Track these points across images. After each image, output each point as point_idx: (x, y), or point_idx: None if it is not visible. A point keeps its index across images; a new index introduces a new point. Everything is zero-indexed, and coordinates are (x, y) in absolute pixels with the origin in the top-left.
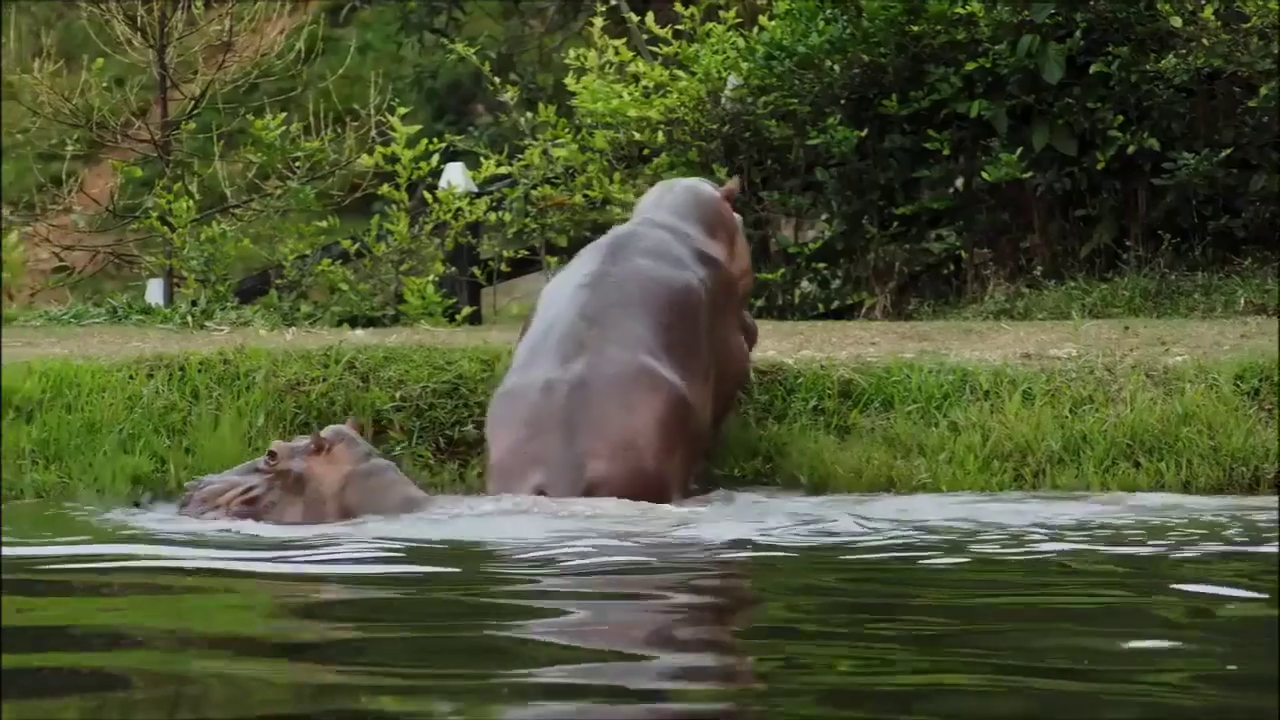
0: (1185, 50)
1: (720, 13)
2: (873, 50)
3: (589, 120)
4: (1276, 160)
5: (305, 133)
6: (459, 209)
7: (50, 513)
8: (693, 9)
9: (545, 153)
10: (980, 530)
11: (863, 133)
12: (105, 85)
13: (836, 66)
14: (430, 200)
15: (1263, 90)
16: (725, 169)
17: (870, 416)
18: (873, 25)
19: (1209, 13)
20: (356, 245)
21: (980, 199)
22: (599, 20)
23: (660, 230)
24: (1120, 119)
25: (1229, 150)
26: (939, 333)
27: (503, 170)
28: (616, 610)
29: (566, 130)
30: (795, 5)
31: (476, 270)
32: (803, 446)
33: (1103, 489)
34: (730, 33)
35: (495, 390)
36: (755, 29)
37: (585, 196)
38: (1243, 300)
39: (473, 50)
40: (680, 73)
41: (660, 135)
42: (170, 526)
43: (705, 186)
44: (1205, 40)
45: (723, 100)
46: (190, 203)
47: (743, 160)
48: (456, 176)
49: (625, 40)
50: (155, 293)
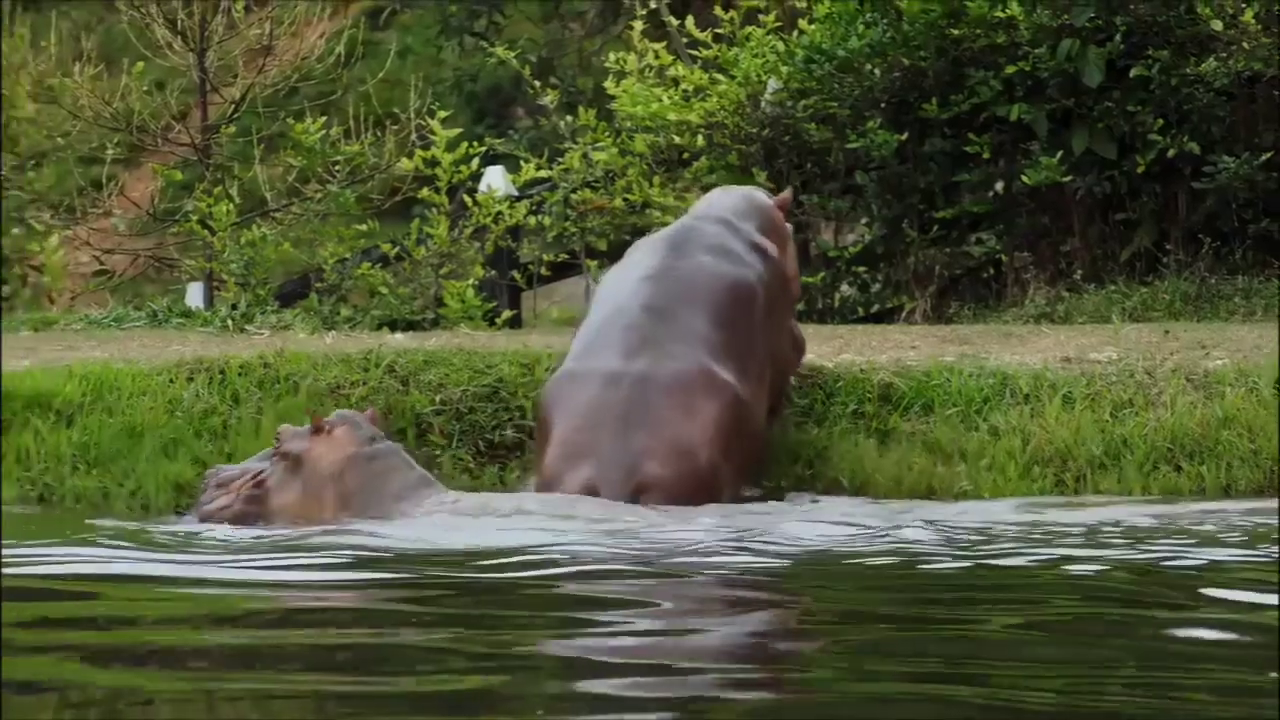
0: (1226, 54)
1: (760, 16)
2: (913, 54)
3: (629, 124)
4: None
5: (345, 136)
6: (499, 212)
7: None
8: (732, 13)
9: (585, 156)
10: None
11: (903, 136)
12: (145, 89)
13: (876, 70)
14: (470, 204)
15: None
16: (765, 172)
17: (910, 420)
18: (913, 29)
19: (1249, 16)
20: (396, 249)
21: (1020, 202)
22: (639, 24)
23: (719, 226)
24: (1160, 122)
25: (1269, 154)
26: (979, 336)
27: (542, 174)
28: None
29: (606, 134)
30: (835, 9)
31: (516, 274)
32: (843, 451)
33: (1143, 493)
34: (770, 36)
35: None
36: (795, 32)
37: (625, 200)
38: None
39: (513, 54)
40: (720, 76)
41: (700, 139)
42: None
43: (760, 194)
44: (1246, 44)
45: (762, 104)
46: (230, 206)
47: (782, 164)
48: (496, 180)
49: (665, 44)
50: (195, 296)
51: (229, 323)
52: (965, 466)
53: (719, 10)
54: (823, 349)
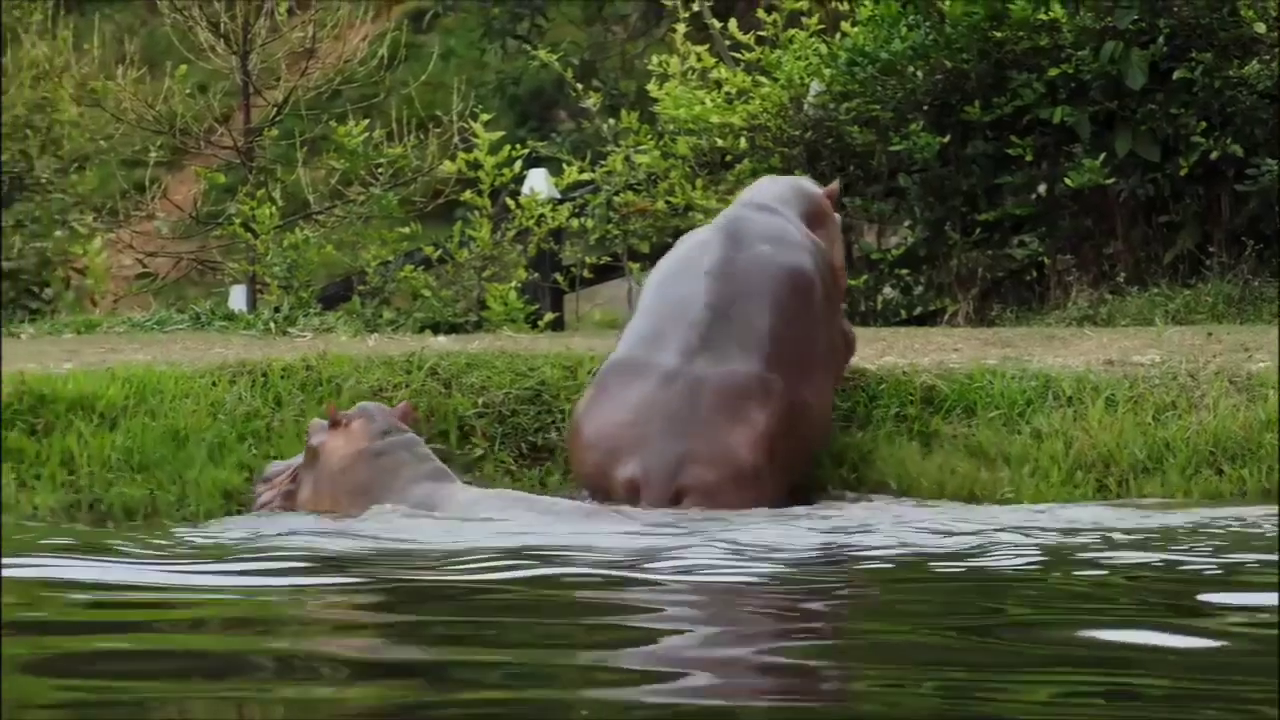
0: (1269, 56)
1: (803, 19)
2: (955, 56)
3: (671, 126)
4: None
5: (388, 139)
6: (541, 215)
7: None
8: (775, 15)
9: (628, 159)
10: None
11: (945, 139)
12: (188, 92)
13: (919, 72)
14: (513, 206)
15: None
16: (807, 175)
17: (953, 423)
18: (955, 31)
19: None
20: (439, 251)
21: (1063, 205)
22: (681, 26)
23: (770, 214)
24: (1203, 125)
25: None
26: (1021, 339)
27: (585, 176)
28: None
29: (649, 136)
30: (878, 11)
31: (559, 276)
32: (886, 454)
33: (1186, 496)
34: (812, 39)
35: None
36: (838, 35)
37: (668, 203)
38: None
39: (555, 57)
40: (763, 79)
41: (743, 141)
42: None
43: (809, 182)
44: None
45: (805, 106)
46: (273, 209)
47: (825, 166)
48: (539, 183)
49: (708, 46)
50: (238, 299)
51: (271, 325)
52: (1009, 471)
53: (762, 13)
54: (866, 351)
